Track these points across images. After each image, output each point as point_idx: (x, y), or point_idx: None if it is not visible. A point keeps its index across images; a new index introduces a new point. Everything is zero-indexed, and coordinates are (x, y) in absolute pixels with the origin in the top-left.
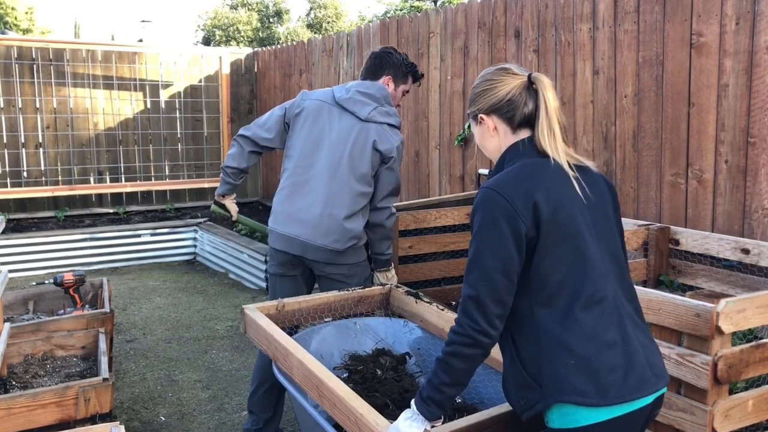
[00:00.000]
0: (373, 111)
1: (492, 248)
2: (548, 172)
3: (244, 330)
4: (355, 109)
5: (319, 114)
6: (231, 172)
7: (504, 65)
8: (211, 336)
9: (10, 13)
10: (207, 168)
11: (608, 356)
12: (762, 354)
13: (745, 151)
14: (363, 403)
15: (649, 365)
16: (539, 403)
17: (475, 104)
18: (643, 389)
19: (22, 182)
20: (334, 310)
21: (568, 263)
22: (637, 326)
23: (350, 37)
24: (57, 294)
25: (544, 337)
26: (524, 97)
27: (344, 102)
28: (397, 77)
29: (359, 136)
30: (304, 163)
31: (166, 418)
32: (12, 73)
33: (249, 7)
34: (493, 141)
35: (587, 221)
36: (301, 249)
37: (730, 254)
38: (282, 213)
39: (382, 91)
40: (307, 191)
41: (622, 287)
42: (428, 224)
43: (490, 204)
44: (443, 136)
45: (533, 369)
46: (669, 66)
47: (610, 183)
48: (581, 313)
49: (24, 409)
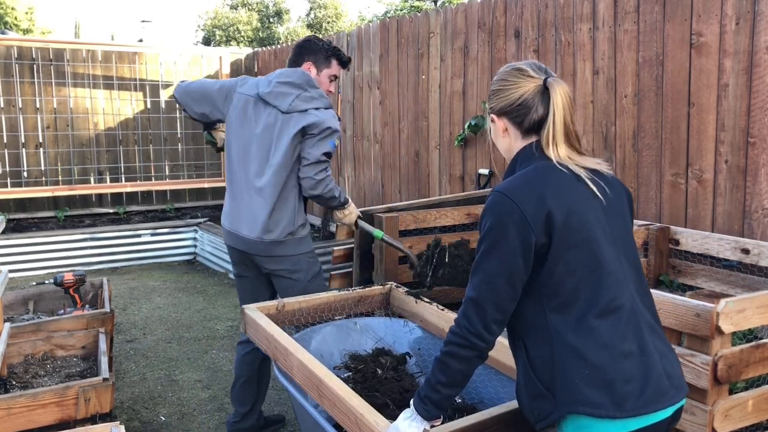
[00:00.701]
0: (295, 100)
1: (498, 254)
2: (561, 175)
3: (245, 329)
4: (276, 103)
5: (245, 111)
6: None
7: (520, 65)
8: (211, 336)
9: (10, 13)
10: (207, 168)
11: (624, 366)
12: (762, 354)
13: (745, 151)
14: (363, 403)
15: (668, 376)
16: (553, 414)
17: (490, 101)
18: (662, 401)
19: (22, 182)
20: (334, 310)
21: (581, 269)
22: (656, 334)
23: (350, 37)
24: (57, 294)
25: (557, 345)
26: (536, 102)
27: (266, 96)
28: (318, 62)
29: (282, 130)
30: (237, 162)
31: (166, 418)
32: (12, 73)
33: (249, 8)
34: (505, 141)
35: (602, 226)
36: (244, 244)
37: (730, 254)
38: (227, 212)
39: (303, 77)
40: (240, 190)
41: (640, 294)
42: (428, 224)
43: (500, 209)
44: (443, 136)
45: (546, 378)
46: (669, 66)
47: (625, 187)
48: (596, 321)
49: (24, 409)
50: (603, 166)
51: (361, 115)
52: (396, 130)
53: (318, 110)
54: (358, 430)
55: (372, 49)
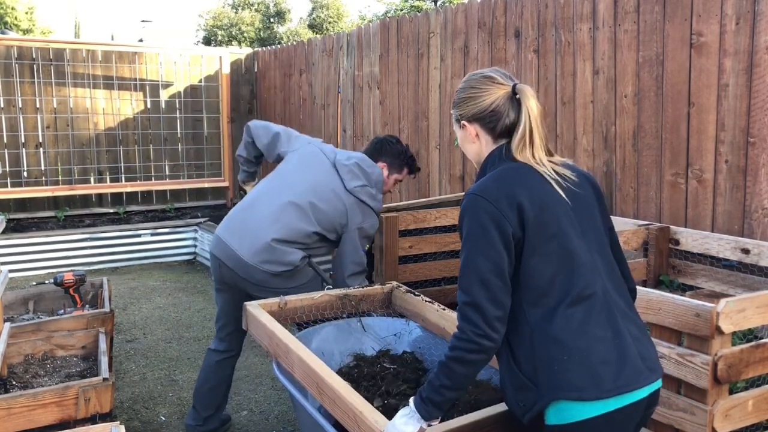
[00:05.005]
0: (359, 187)
1: (482, 251)
2: (529, 174)
3: (246, 327)
4: (345, 177)
5: (313, 159)
6: (242, 160)
7: (489, 73)
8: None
9: (10, 13)
10: (207, 168)
11: (600, 349)
12: (762, 354)
13: (745, 151)
14: (363, 401)
15: (642, 358)
16: (537, 403)
17: (459, 109)
18: (638, 381)
19: (22, 182)
20: (336, 309)
21: (555, 262)
22: (629, 320)
23: (350, 37)
24: (57, 294)
25: (536, 336)
26: (507, 107)
27: (340, 166)
28: (393, 166)
29: (336, 197)
30: (272, 183)
31: (166, 417)
32: (12, 73)
33: (253, 8)
34: (474, 146)
35: (571, 220)
36: (234, 262)
37: (730, 254)
38: (228, 221)
39: (379, 177)
40: (258, 206)
41: (612, 282)
42: (428, 224)
43: (475, 208)
44: (443, 136)
45: (529, 369)
46: (669, 66)
47: (593, 179)
48: (571, 309)
49: (24, 408)
50: (570, 161)
51: (361, 115)
52: (396, 130)
53: (368, 209)
54: (357, 428)
55: (372, 49)
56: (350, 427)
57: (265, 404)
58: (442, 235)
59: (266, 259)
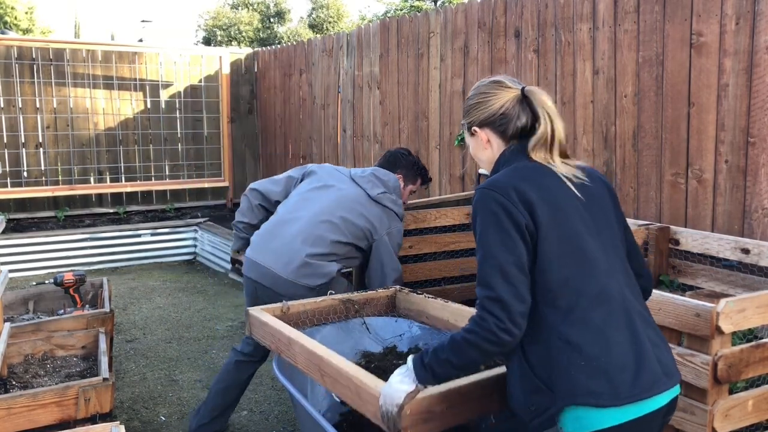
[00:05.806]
0: (381, 194)
1: (499, 242)
2: (543, 173)
3: (249, 331)
4: (366, 186)
5: (332, 175)
6: (242, 227)
7: (497, 78)
8: (211, 336)
9: (10, 12)
10: (207, 168)
11: (617, 354)
12: (762, 354)
13: (745, 151)
14: (362, 371)
15: (660, 364)
16: (551, 408)
17: (469, 116)
18: (656, 387)
19: (22, 182)
20: (340, 313)
21: (570, 262)
22: (647, 324)
23: (350, 37)
24: (57, 294)
25: (552, 339)
26: (517, 110)
27: (358, 179)
28: (408, 177)
29: (361, 206)
30: (297, 202)
31: (166, 417)
32: (12, 73)
33: (251, 8)
34: (487, 153)
35: (585, 220)
36: (271, 281)
37: (730, 254)
38: (257, 242)
39: (395, 183)
40: (288, 225)
41: (627, 284)
42: (428, 224)
43: (486, 201)
44: (443, 136)
45: (544, 373)
46: (669, 66)
47: (605, 179)
48: (587, 312)
49: (24, 408)
50: (584, 164)
51: (361, 115)
52: (396, 130)
53: (395, 216)
54: (358, 399)
55: (372, 48)
56: (353, 402)
57: (265, 404)
58: (442, 235)
59: (304, 274)
